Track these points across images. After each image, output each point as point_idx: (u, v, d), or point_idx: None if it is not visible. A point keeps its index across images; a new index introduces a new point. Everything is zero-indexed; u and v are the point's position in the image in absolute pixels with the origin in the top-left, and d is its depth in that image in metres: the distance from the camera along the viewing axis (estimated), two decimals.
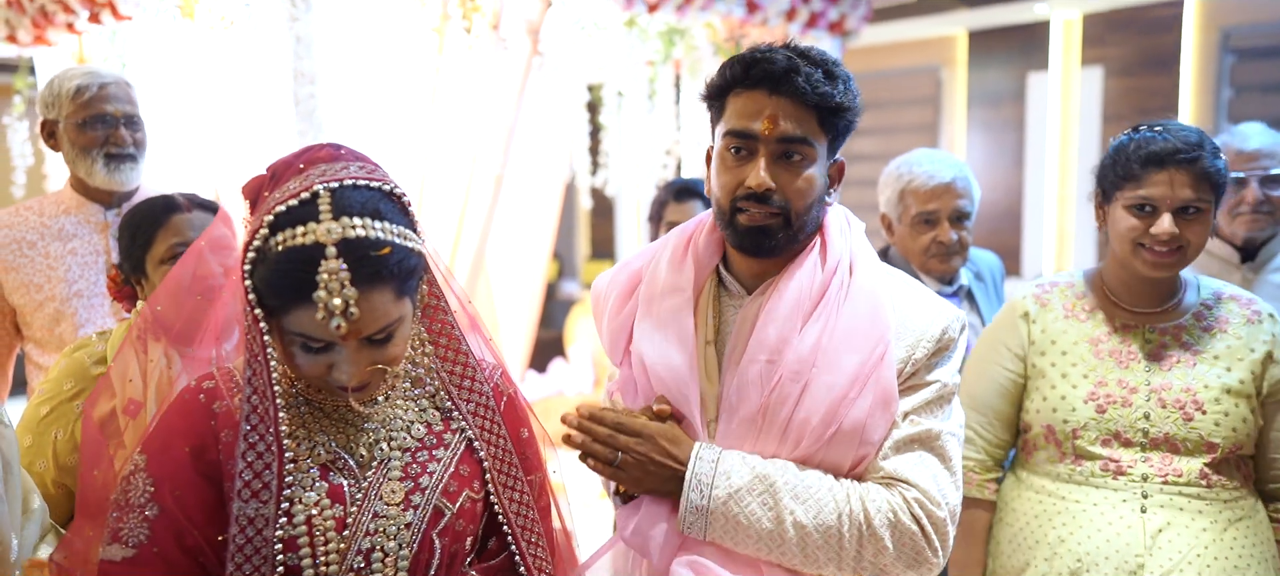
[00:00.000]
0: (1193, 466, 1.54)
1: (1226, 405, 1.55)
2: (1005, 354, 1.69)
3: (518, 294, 4.77)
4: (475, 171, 3.23)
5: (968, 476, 1.72)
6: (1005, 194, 5.61)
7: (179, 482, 1.05)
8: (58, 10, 3.11)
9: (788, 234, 1.19)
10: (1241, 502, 1.57)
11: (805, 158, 1.18)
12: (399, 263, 1.02)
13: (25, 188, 3.53)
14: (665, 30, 3.81)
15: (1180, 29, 5.02)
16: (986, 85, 5.68)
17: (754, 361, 1.19)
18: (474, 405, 1.19)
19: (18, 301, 1.98)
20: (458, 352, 1.19)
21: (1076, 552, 1.56)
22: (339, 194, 1.01)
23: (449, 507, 1.12)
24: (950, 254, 1.99)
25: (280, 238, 0.99)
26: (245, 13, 2.88)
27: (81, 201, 2.03)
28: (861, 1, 4.05)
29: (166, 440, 1.07)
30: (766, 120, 1.16)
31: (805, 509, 1.14)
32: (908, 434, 1.18)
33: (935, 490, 1.16)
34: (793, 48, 1.19)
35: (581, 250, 7.83)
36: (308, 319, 0.99)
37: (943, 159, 2.02)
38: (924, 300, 1.24)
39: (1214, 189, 1.54)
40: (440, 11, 2.99)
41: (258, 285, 1.01)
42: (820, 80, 1.16)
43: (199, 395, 1.09)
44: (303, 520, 1.04)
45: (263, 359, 1.03)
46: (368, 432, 1.11)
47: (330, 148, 1.08)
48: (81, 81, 1.98)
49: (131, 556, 1.02)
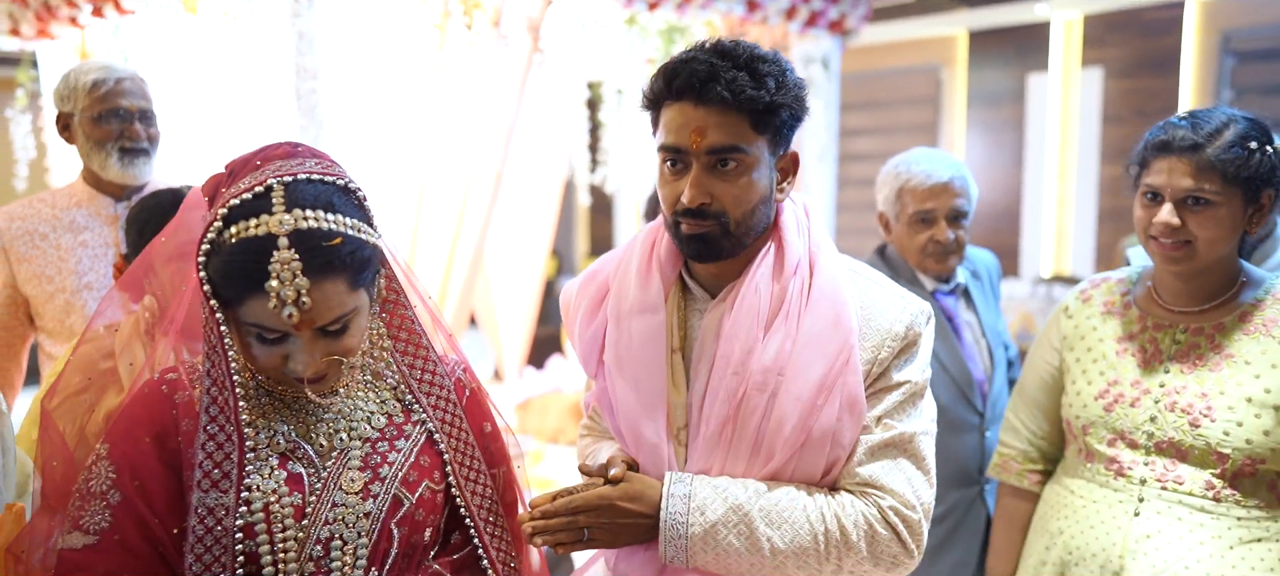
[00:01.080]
0: (1198, 476, 1.46)
1: (1243, 414, 1.43)
2: (1048, 348, 1.68)
3: (516, 290, 4.79)
4: (475, 168, 3.24)
5: (1007, 464, 1.72)
6: (1004, 194, 5.62)
7: (140, 471, 1.06)
8: (61, 4, 3.12)
9: (731, 240, 1.18)
10: (1266, 523, 1.44)
11: (739, 164, 1.14)
12: (351, 254, 1.04)
13: (27, 181, 3.55)
14: (665, 28, 3.82)
15: (1181, 31, 5.03)
16: (986, 85, 5.69)
17: (722, 374, 1.18)
18: (435, 398, 1.20)
19: (30, 292, 2.00)
20: (418, 347, 1.20)
21: (1068, 546, 1.56)
22: (292, 187, 1.03)
23: (408, 497, 1.13)
24: (947, 253, 2.00)
25: (234, 230, 1.01)
26: (247, 8, 2.90)
27: (93, 194, 2.05)
28: (862, 1, 4.06)
29: (129, 429, 1.08)
30: (693, 133, 1.13)
31: (781, 534, 1.14)
32: (881, 439, 1.17)
33: (910, 493, 1.17)
34: (717, 48, 1.14)
35: (580, 247, 7.85)
36: (261, 309, 1.00)
37: (940, 158, 2.03)
38: (887, 297, 1.22)
39: (1230, 180, 1.42)
40: (442, 8, 3.01)
41: (212, 276, 1.02)
42: (745, 83, 1.11)
43: (161, 386, 1.10)
44: (260, 507, 1.05)
45: (221, 349, 1.04)
46: (327, 422, 1.12)
47: (288, 145, 1.10)
48: (98, 76, 2.00)
49: (93, 543, 1.03)
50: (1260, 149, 1.43)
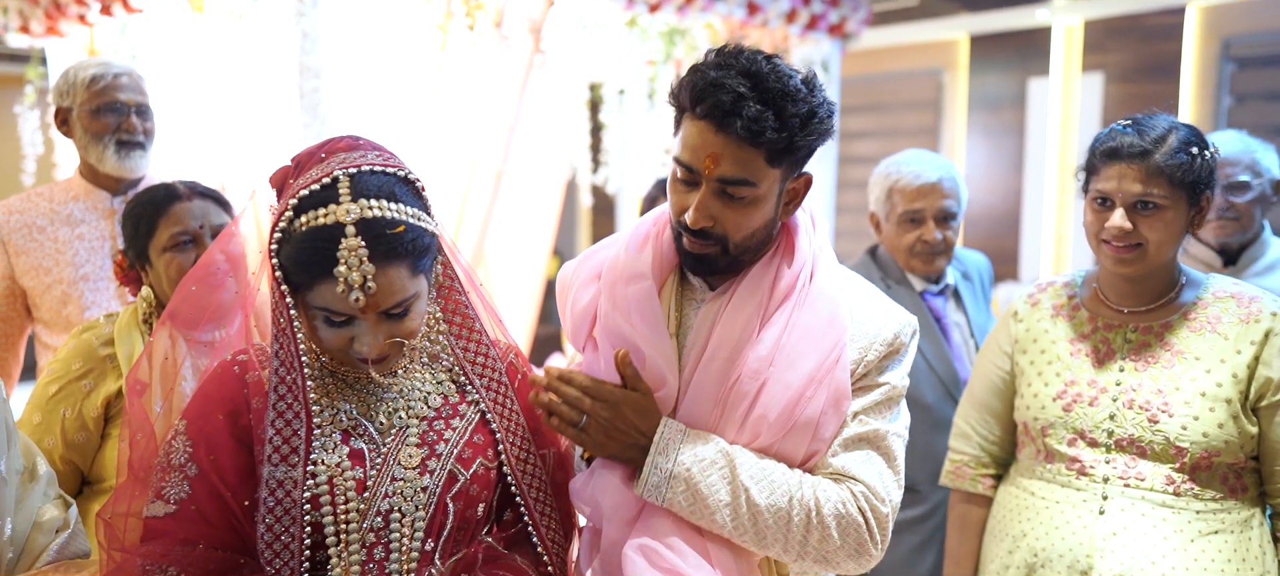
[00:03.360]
0: (1159, 471, 1.50)
1: (1198, 409, 1.48)
2: (997, 352, 1.71)
3: (518, 289, 4.81)
4: (476, 167, 3.27)
5: (960, 470, 1.74)
6: (1004, 198, 5.63)
7: (215, 445, 1.13)
8: (70, 2, 3.17)
9: (728, 260, 1.21)
10: (1222, 515, 1.49)
11: (747, 197, 1.16)
12: (413, 241, 1.10)
13: (35, 176, 3.59)
14: (666, 30, 3.85)
15: (1181, 37, 5.04)
16: (987, 90, 5.71)
17: (713, 359, 1.22)
18: (487, 380, 1.26)
19: (28, 284, 2.04)
20: (471, 331, 1.26)
21: (1033, 548, 1.57)
22: (357, 178, 1.09)
23: (463, 473, 1.19)
24: (935, 253, 2.03)
25: (304, 219, 1.08)
26: (253, 7, 2.94)
27: (90, 188, 2.10)
28: (862, 4, 4.08)
29: (204, 407, 1.16)
30: (707, 158, 1.14)
31: (760, 489, 1.17)
32: (856, 432, 1.22)
33: (880, 486, 1.21)
34: (748, 72, 1.12)
35: (582, 247, 7.87)
36: (329, 293, 1.07)
37: (930, 159, 2.05)
38: (878, 305, 1.27)
39: (1176, 184, 1.48)
40: (444, 8, 3.04)
41: (284, 263, 1.09)
42: (767, 123, 1.10)
43: (233, 367, 1.18)
44: (325, 480, 1.12)
45: (290, 332, 1.11)
46: (387, 402, 1.19)
47: (350, 138, 1.18)
48: (97, 71, 2.07)
49: (173, 512, 1.11)
50: (1200, 154, 1.50)
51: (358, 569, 1.12)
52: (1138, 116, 1.55)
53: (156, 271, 1.60)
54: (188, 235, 1.58)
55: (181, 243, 1.58)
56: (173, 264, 1.57)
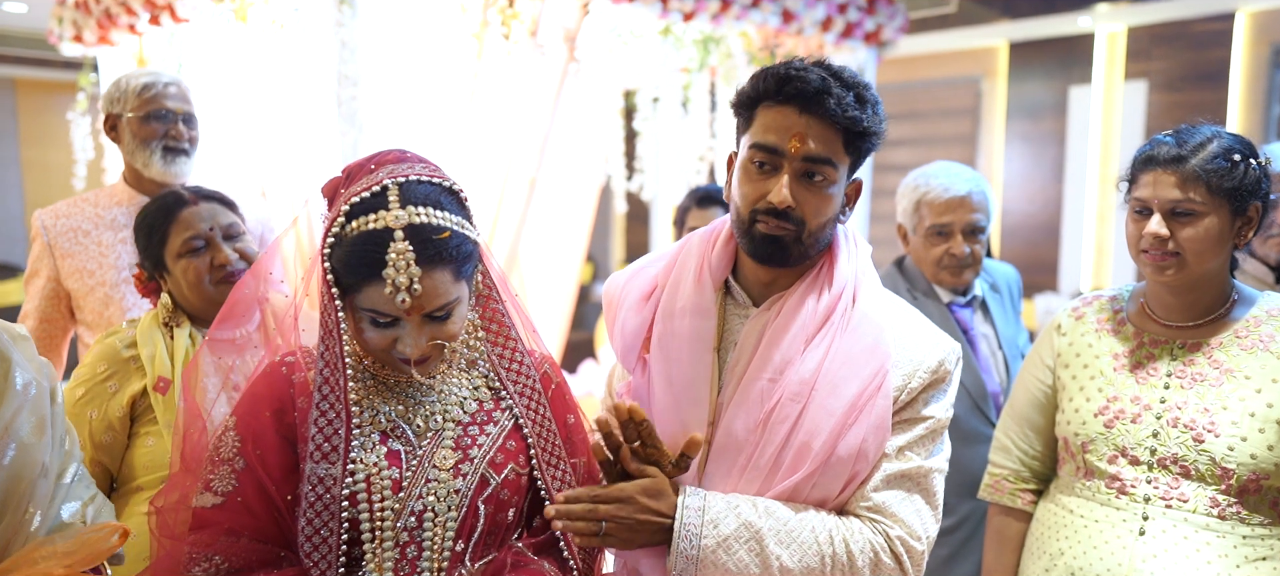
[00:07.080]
0: (1203, 493, 1.44)
1: (1247, 429, 1.42)
2: (1040, 365, 1.68)
3: (551, 295, 4.84)
4: (510, 174, 3.31)
5: (999, 484, 1.71)
6: (1043, 208, 5.55)
7: (261, 441, 1.18)
8: (121, 12, 3.27)
9: (800, 249, 1.22)
10: (1271, 541, 1.43)
11: (827, 178, 1.20)
12: (457, 247, 1.15)
13: (85, 180, 3.70)
14: (700, 39, 3.86)
15: (1229, 43, 4.94)
16: (1027, 98, 5.63)
17: (756, 379, 1.22)
18: (521, 387, 1.29)
19: (72, 286, 2.12)
20: (507, 339, 1.30)
21: (1071, 566, 1.53)
22: (406, 187, 1.15)
23: (495, 477, 1.22)
24: (962, 267, 2.01)
25: (355, 224, 1.13)
26: (294, 17, 3.01)
27: (133, 194, 2.17)
28: (898, 12, 4.05)
29: (252, 405, 1.21)
30: (794, 138, 1.17)
31: (790, 553, 1.16)
32: (898, 470, 1.20)
33: (918, 525, 1.20)
34: (827, 67, 1.19)
35: (616, 253, 7.91)
36: (377, 294, 1.12)
37: (959, 172, 2.04)
38: (923, 331, 1.26)
39: (1215, 191, 1.43)
40: (480, 18, 3.08)
41: (335, 266, 1.14)
42: (851, 104, 1.16)
43: (281, 367, 1.23)
44: (362, 479, 1.16)
45: (336, 333, 1.15)
46: (425, 405, 1.23)
47: (398, 152, 1.23)
48: (147, 80, 2.17)
49: (220, 503, 1.16)
50: (1244, 161, 1.44)
51: (391, 565, 1.16)
52: (1182, 126, 1.51)
53: (174, 277, 1.66)
54: (200, 238, 1.64)
55: (195, 247, 1.64)
56: (190, 268, 1.63)
